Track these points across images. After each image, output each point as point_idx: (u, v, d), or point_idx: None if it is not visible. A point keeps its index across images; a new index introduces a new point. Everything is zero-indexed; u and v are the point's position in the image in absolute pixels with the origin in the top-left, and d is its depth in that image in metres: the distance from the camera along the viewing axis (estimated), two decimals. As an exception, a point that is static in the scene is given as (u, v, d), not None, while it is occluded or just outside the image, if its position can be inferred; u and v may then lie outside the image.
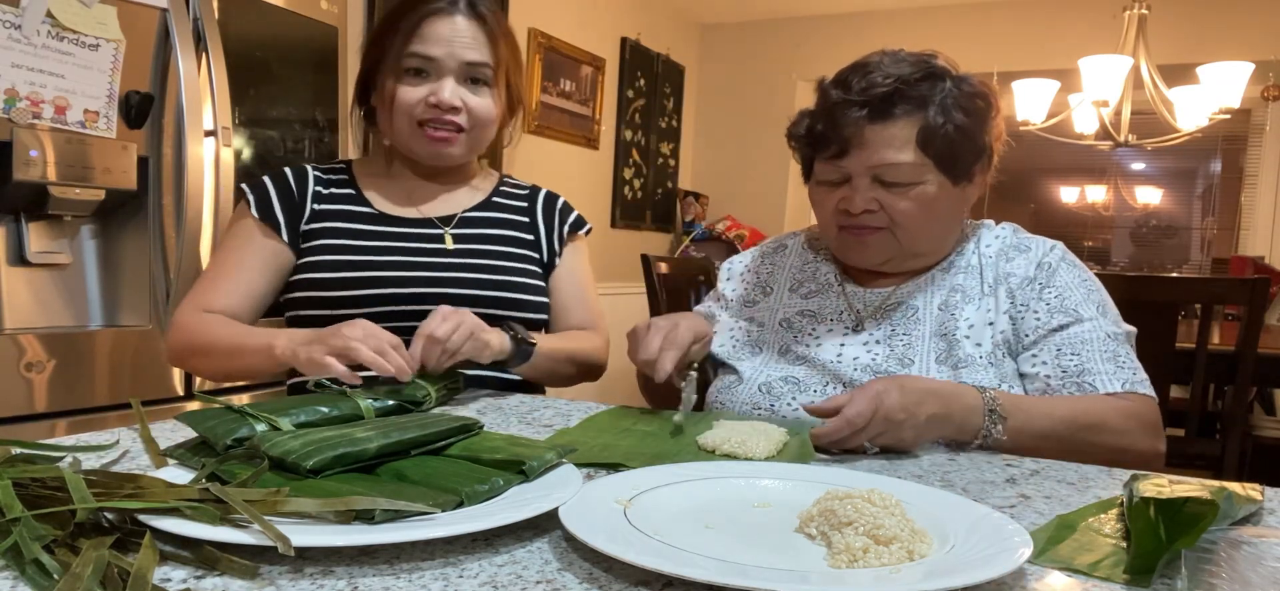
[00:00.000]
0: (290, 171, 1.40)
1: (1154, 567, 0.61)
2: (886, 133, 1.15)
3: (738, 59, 5.36)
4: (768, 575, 0.56)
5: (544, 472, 0.76)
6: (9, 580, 0.53)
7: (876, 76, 1.16)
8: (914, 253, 1.23)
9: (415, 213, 1.41)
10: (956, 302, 1.21)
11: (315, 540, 0.57)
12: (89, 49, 1.79)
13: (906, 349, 1.19)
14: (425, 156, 1.38)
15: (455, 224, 1.41)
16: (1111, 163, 5.07)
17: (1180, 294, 2.23)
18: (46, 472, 0.63)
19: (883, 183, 1.17)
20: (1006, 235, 1.28)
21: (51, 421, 1.79)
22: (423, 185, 1.44)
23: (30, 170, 1.70)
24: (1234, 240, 4.64)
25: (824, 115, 1.19)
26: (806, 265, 1.35)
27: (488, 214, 1.45)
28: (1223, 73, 3.53)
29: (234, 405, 0.86)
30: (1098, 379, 1.11)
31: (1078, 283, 1.20)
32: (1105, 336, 1.15)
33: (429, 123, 1.33)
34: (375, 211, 1.39)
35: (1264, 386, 3.45)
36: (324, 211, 1.38)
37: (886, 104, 1.15)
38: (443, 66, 1.32)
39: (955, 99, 1.17)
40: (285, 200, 1.37)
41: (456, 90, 1.32)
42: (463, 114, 1.34)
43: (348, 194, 1.41)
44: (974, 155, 1.20)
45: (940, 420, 1.00)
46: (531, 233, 1.48)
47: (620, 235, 4.82)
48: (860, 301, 1.26)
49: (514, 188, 1.53)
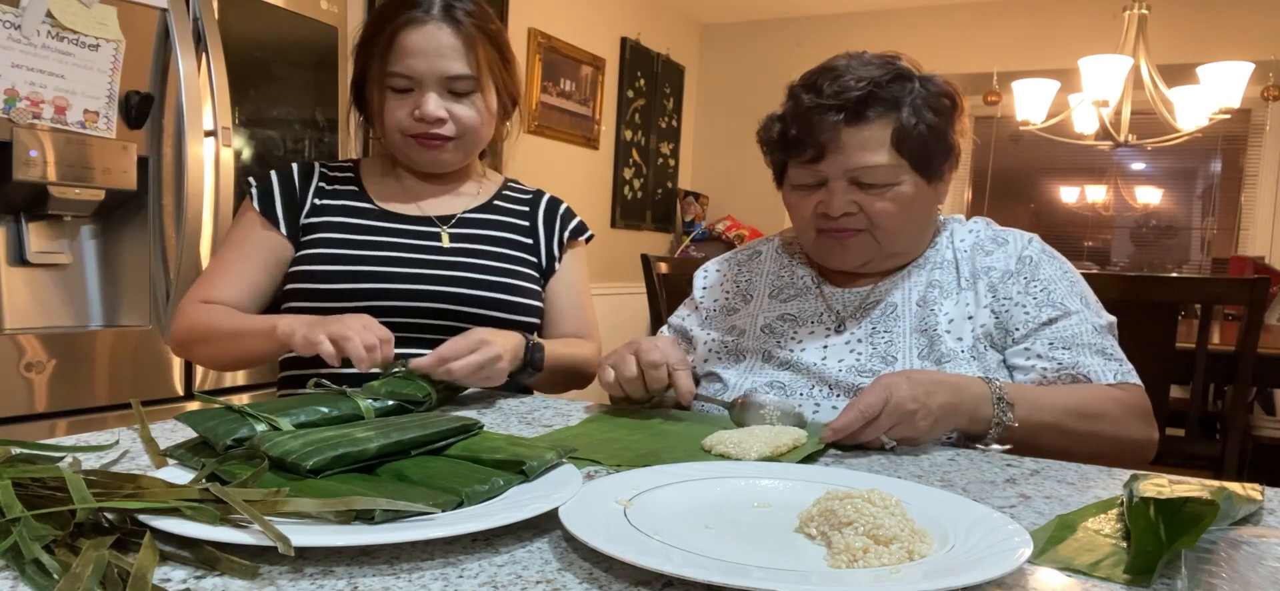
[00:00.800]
0: (297, 167, 1.42)
1: (1154, 567, 0.61)
2: (862, 135, 1.16)
3: (738, 59, 5.36)
4: (768, 575, 0.56)
5: (544, 472, 0.76)
6: (9, 580, 0.53)
7: (848, 79, 1.17)
8: (892, 252, 1.24)
9: (415, 210, 1.42)
10: (934, 298, 1.21)
11: (315, 540, 0.57)
12: (89, 49, 1.79)
13: (888, 346, 1.19)
14: (419, 164, 1.39)
15: (454, 223, 1.42)
16: (1111, 163, 5.07)
17: (1180, 294, 2.23)
18: (46, 472, 0.63)
19: (860, 185, 1.18)
20: (981, 229, 1.29)
21: (51, 421, 1.79)
22: (423, 185, 1.45)
23: (30, 170, 1.70)
24: (1234, 240, 4.64)
25: (797, 120, 1.20)
26: (783, 270, 1.35)
27: (487, 215, 1.46)
28: (1223, 73, 3.53)
29: (234, 405, 0.86)
30: (1091, 371, 1.13)
31: (1060, 275, 1.22)
32: (1093, 329, 1.17)
33: (417, 135, 1.34)
34: (376, 207, 1.40)
35: (1264, 386, 3.45)
36: (325, 206, 1.39)
37: (861, 107, 1.16)
38: (423, 81, 1.31)
39: (924, 99, 1.18)
40: (287, 194, 1.38)
41: (440, 103, 1.32)
42: (449, 124, 1.34)
43: (351, 191, 1.42)
44: (944, 153, 1.21)
45: (952, 409, 1.00)
46: (531, 237, 1.48)
47: (620, 235, 4.82)
48: (839, 302, 1.27)
49: (517, 192, 1.53)
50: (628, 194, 4.86)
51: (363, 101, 1.41)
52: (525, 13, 3.97)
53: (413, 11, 1.31)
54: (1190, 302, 2.67)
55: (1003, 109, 4.20)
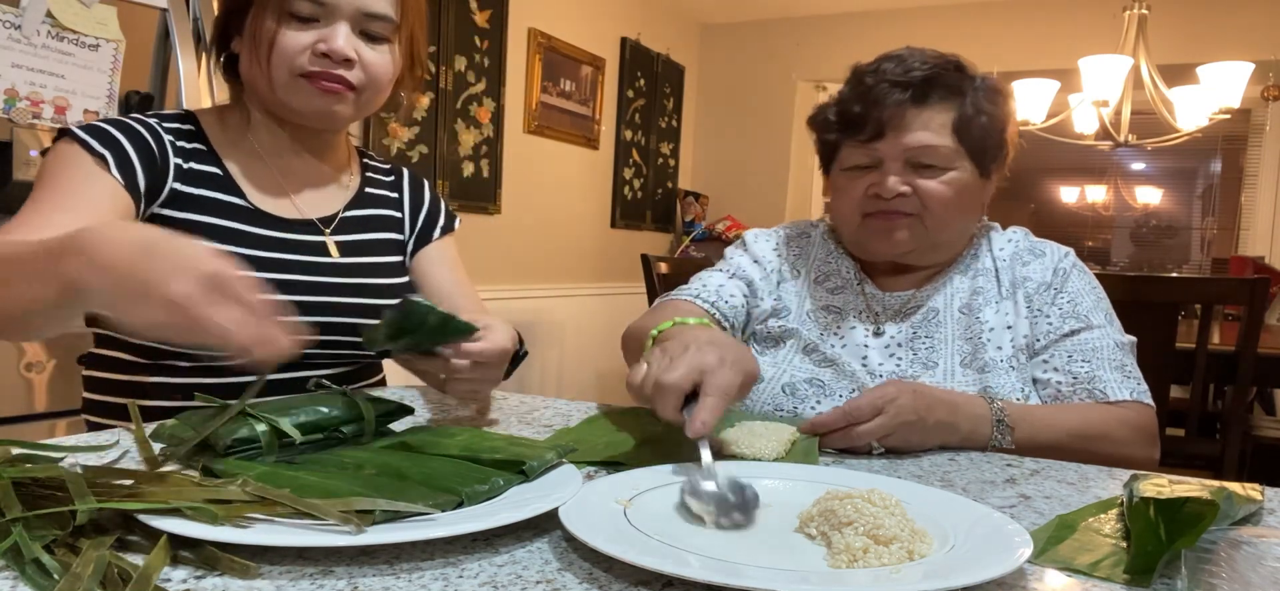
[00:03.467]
0: (135, 122, 1.12)
1: (1154, 567, 0.61)
2: (925, 115, 1.17)
3: (738, 59, 5.36)
4: (767, 575, 0.56)
5: (544, 472, 0.76)
6: (9, 580, 0.53)
7: (913, 62, 1.18)
8: (937, 243, 1.23)
9: (293, 210, 1.19)
10: (978, 305, 1.22)
11: (315, 540, 0.57)
12: (89, 49, 1.79)
13: (930, 352, 1.19)
14: (306, 113, 1.14)
15: (336, 227, 1.22)
16: (1111, 163, 5.07)
17: (1180, 294, 2.23)
18: (46, 472, 0.63)
19: (916, 166, 1.18)
20: (1019, 239, 1.29)
21: (51, 421, 1.79)
22: (290, 160, 1.20)
23: (30, 170, 1.70)
24: (1234, 240, 4.64)
25: (859, 98, 1.20)
26: (830, 257, 1.33)
27: (365, 211, 1.27)
28: (1223, 73, 3.53)
29: (232, 404, 0.86)
30: (1108, 386, 1.14)
31: (1088, 289, 1.22)
32: (1114, 346, 1.17)
33: (315, 74, 1.10)
34: (249, 206, 1.15)
35: (1264, 386, 3.45)
36: (188, 196, 1.11)
37: (926, 86, 1.17)
38: (336, 11, 1.10)
39: (985, 93, 1.20)
40: (146, 161, 1.09)
41: (351, 39, 1.11)
42: (356, 68, 1.12)
43: (211, 173, 1.14)
44: (998, 148, 1.23)
45: (947, 427, 1.00)
46: (401, 230, 1.31)
47: (620, 235, 4.82)
48: (879, 304, 1.26)
49: (380, 173, 1.33)
50: (627, 194, 4.86)
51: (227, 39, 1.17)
52: (525, 13, 3.97)
53: None
54: (1190, 303, 2.67)
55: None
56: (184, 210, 1.10)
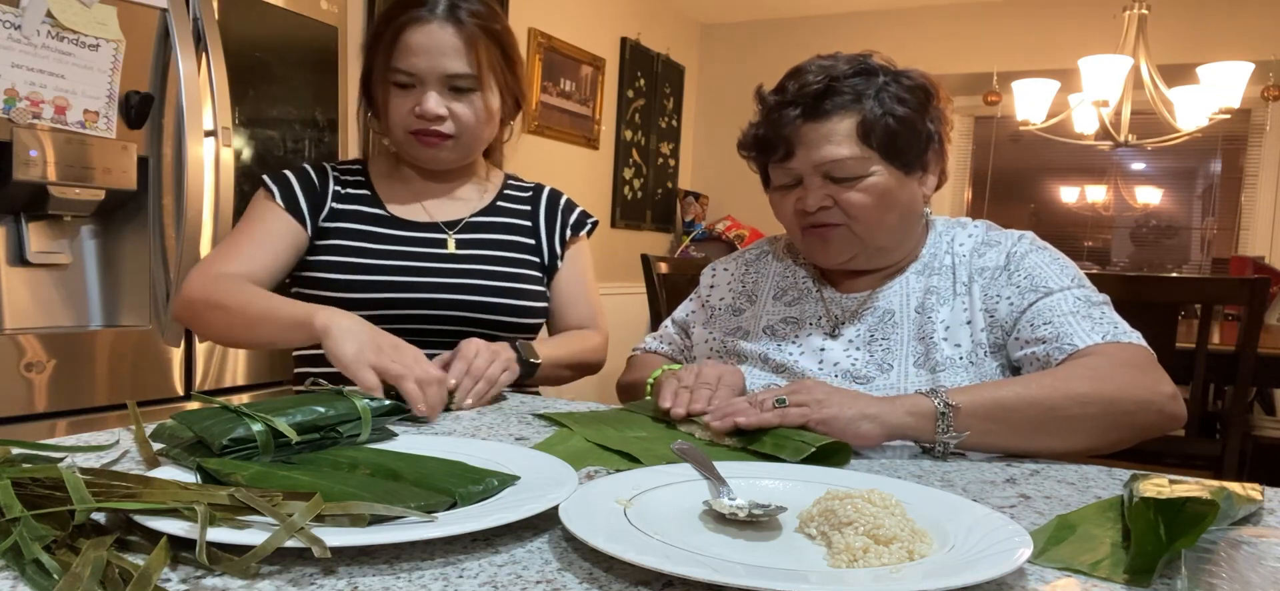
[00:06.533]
0: (311, 167, 1.44)
1: (1154, 567, 0.61)
2: (824, 129, 1.17)
3: (738, 59, 5.36)
4: (767, 575, 0.56)
5: (482, 499, 0.71)
6: (9, 580, 0.53)
7: (809, 77, 1.19)
8: (876, 246, 1.23)
9: (423, 215, 1.44)
10: (932, 305, 1.21)
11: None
12: (89, 49, 1.79)
13: (886, 353, 1.19)
14: (419, 160, 1.42)
15: (460, 229, 1.44)
16: (1111, 163, 5.07)
17: (1180, 294, 2.23)
18: (46, 472, 0.63)
19: (832, 178, 1.18)
20: (979, 233, 1.27)
21: (51, 421, 1.79)
22: (429, 184, 1.46)
23: (30, 170, 1.70)
24: (1234, 240, 4.64)
25: (765, 121, 1.23)
26: (788, 271, 1.35)
27: (492, 218, 1.47)
28: (1223, 73, 3.53)
29: (231, 405, 0.86)
30: (1074, 336, 1.08)
31: (1047, 262, 1.19)
32: (1077, 300, 1.13)
33: (418, 131, 1.36)
34: (387, 214, 1.42)
35: (1264, 386, 3.45)
36: (341, 211, 1.41)
37: (819, 101, 1.17)
38: (424, 79, 1.34)
39: (894, 91, 1.18)
40: (308, 190, 1.40)
41: (440, 101, 1.34)
42: (448, 122, 1.36)
43: (362, 194, 1.44)
44: (920, 143, 1.21)
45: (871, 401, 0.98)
46: (533, 236, 1.50)
47: (620, 235, 4.82)
48: (837, 306, 1.26)
49: (518, 189, 1.54)
50: (628, 194, 4.86)
51: (371, 97, 1.44)
52: (525, 13, 3.97)
53: (417, 10, 1.33)
54: (1190, 302, 2.67)
55: (1003, 109, 4.20)
56: (339, 221, 1.40)
